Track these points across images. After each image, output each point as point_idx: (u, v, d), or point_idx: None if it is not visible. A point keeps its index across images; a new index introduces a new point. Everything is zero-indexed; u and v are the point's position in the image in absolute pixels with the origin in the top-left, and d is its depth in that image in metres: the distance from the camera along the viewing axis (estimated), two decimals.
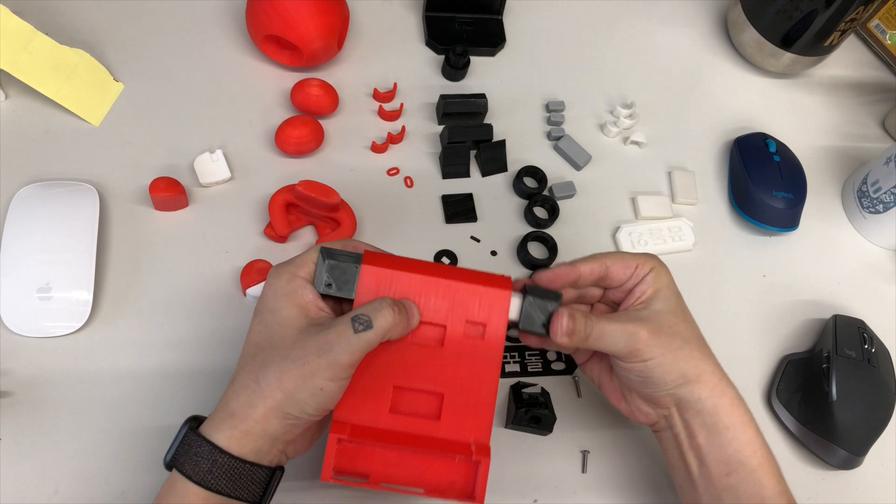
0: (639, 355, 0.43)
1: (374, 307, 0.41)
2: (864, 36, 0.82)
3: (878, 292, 0.67)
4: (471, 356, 0.44)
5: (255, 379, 0.40)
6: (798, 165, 0.68)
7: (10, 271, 0.52)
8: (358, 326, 0.39)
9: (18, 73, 0.56)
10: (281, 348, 0.40)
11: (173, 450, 0.40)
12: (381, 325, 0.40)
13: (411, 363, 0.43)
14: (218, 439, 0.39)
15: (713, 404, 0.44)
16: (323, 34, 0.61)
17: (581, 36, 0.74)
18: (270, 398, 0.39)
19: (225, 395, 0.41)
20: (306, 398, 0.39)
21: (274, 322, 0.41)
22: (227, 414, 0.40)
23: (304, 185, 0.55)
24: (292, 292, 0.42)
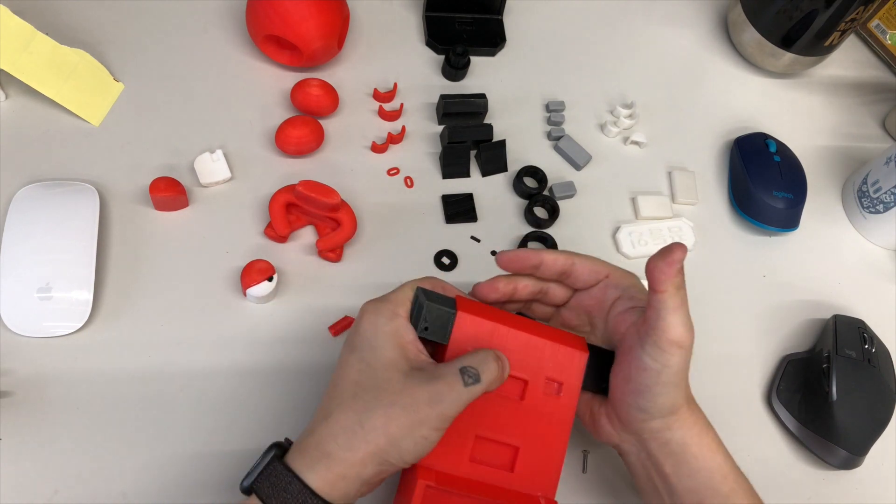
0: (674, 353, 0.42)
1: (480, 359, 0.40)
2: (865, 36, 0.82)
3: (878, 292, 0.67)
4: (548, 413, 0.44)
5: (359, 422, 0.38)
6: (798, 165, 0.68)
7: (10, 271, 0.52)
8: (468, 379, 0.39)
9: (18, 73, 0.56)
10: (387, 392, 0.39)
11: (255, 475, 0.39)
12: (487, 379, 0.40)
13: (493, 414, 0.43)
14: (311, 480, 0.38)
15: (682, 434, 0.43)
16: (323, 34, 0.61)
17: (581, 36, 0.74)
18: (373, 443, 0.38)
19: (317, 433, 0.39)
20: (409, 446, 0.38)
21: (376, 363, 0.40)
22: (322, 454, 0.38)
23: (305, 185, 0.55)
24: (394, 333, 0.41)
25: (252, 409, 0.51)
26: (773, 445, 0.58)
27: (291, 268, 0.57)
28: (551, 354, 0.44)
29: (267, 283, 0.54)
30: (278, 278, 0.55)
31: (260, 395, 0.52)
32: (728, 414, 0.58)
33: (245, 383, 0.52)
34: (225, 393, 0.52)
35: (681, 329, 0.42)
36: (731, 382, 0.60)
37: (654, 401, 0.43)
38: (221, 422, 0.51)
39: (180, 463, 0.49)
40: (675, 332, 0.41)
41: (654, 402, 0.43)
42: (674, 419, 0.43)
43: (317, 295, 0.56)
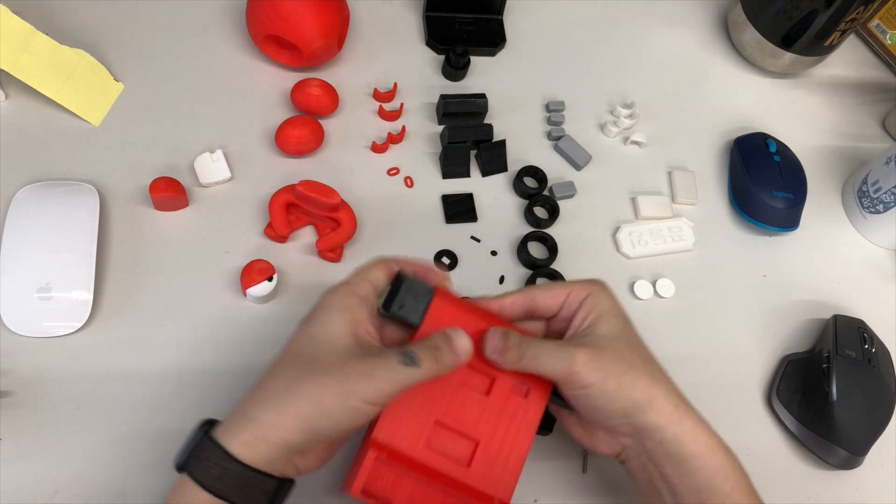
0: (577, 380, 0.42)
1: (424, 345, 0.41)
2: (865, 36, 0.82)
3: (878, 292, 0.67)
4: (512, 413, 0.44)
5: (286, 387, 0.39)
6: (798, 165, 0.68)
7: (11, 271, 0.52)
8: (406, 360, 0.39)
9: (19, 73, 0.56)
10: (323, 363, 0.39)
11: (185, 452, 0.40)
12: (427, 365, 0.40)
13: (456, 403, 0.43)
14: (231, 445, 0.38)
15: (673, 432, 0.43)
16: (323, 34, 0.61)
17: (581, 36, 0.74)
18: (301, 410, 0.38)
19: (246, 400, 0.40)
20: (341, 416, 0.38)
21: (320, 335, 0.41)
22: (247, 420, 0.39)
23: (305, 184, 0.55)
24: (346, 308, 0.41)
25: None
26: (773, 445, 0.58)
27: (291, 268, 0.57)
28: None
29: (267, 283, 0.54)
30: (278, 278, 0.55)
31: None
32: (728, 414, 0.58)
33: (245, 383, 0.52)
34: (225, 393, 0.52)
35: (554, 366, 0.42)
36: (731, 382, 0.60)
37: (611, 408, 0.42)
38: None
39: None
40: (555, 373, 0.42)
41: (611, 409, 0.42)
42: (655, 415, 0.43)
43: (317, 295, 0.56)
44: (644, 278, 0.62)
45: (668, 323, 0.61)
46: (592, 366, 0.42)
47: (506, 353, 0.43)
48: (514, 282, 0.60)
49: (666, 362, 0.59)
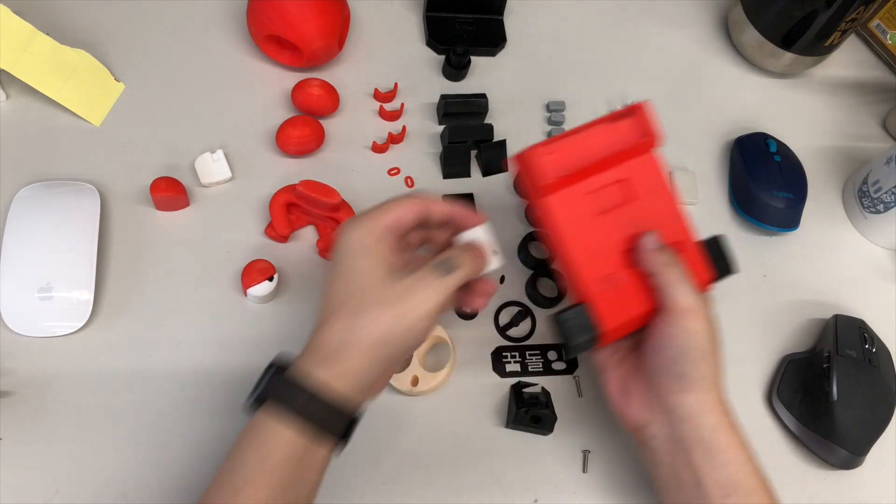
0: (692, 319, 0.44)
1: (456, 252, 0.43)
2: (865, 36, 0.82)
3: (878, 292, 0.67)
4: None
5: (346, 327, 0.40)
6: (799, 165, 0.68)
7: (11, 271, 0.52)
8: (442, 272, 0.42)
9: (19, 73, 0.56)
10: (370, 295, 0.41)
11: (263, 387, 0.40)
12: (466, 269, 0.43)
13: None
14: (319, 374, 0.39)
15: (716, 421, 0.44)
16: (324, 34, 0.61)
17: (581, 36, 0.74)
18: (364, 341, 0.40)
19: (313, 343, 0.41)
20: (398, 338, 0.40)
21: (357, 271, 0.42)
22: (320, 358, 0.40)
23: (305, 184, 0.55)
24: (368, 249, 0.42)
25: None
26: (773, 445, 0.58)
27: (292, 268, 0.57)
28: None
29: (267, 283, 0.54)
30: (279, 278, 0.55)
31: None
32: None
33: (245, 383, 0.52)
34: (225, 393, 0.52)
35: (684, 299, 0.44)
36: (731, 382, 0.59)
37: (691, 366, 0.44)
38: (222, 422, 0.51)
39: (180, 463, 0.49)
40: (683, 303, 0.44)
41: (690, 367, 0.44)
42: (707, 400, 0.44)
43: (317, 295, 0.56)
44: None
45: None
46: (707, 316, 0.44)
47: (657, 255, 0.45)
48: (514, 281, 0.60)
49: None
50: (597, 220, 0.46)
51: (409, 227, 0.45)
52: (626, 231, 0.47)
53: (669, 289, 0.44)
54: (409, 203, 0.44)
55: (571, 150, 0.46)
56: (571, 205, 0.46)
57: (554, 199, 0.45)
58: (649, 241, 0.46)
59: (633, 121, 0.48)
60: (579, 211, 0.46)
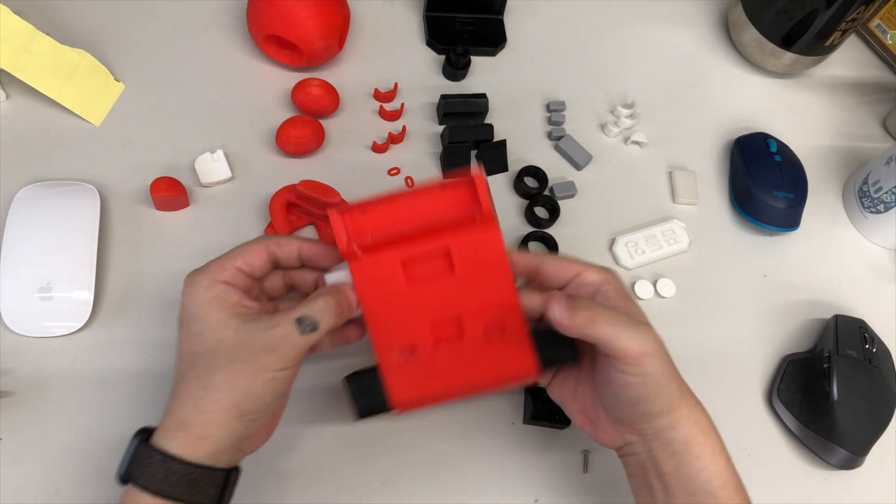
0: (645, 365, 0.41)
1: (318, 307, 0.41)
2: (865, 36, 0.82)
3: (879, 292, 0.67)
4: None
5: (203, 386, 0.39)
6: (799, 165, 0.68)
7: (11, 271, 0.52)
8: (305, 328, 0.40)
9: (19, 74, 0.56)
10: (224, 351, 0.40)
11: (126, 463, 0.40)
12: (326, 324, 0.41)
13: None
14: (171, 447, 0.39)
15: (686, 433, 0.42)
16: (324, 34, 0.61)
17: (582, 36, 0.74)
18: (223, 401, 0.39)
19: (171, 406, 0.40)
20: (261, 390, 0.39)
21: (205, 329, 0.41)
22: (178, 423, 0.39)
23: (305, 184, 0.55)
24: (215, 299, 0.41)
25: None
26: (773, 445, 0.58)
27: None
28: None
29: None
30: None
31: None
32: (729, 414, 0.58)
33: None
34: None
35: (631, 342, 0.40)
36: (731, 382, 0.60)
37: (652, 404, 0.42)
38: None
39: None
40: (630, 349, 0.40)
41: (651, 405, 0.42)
42: (676, 416, 0.43)
43: None
44: (645, 278, 0.62)
45: (669, 323, 0.60)
46: (661, 354, 0.41)
47: (575, 314, 0.41)
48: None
49: None
50: (409, 288, 0.44)
51: (261, 271, 0.44)
52: (443, 304, 0.44)
53: (608, 337, 0.41)
54: (256, 247, 0.43)
55: (388, 214, 0.43)
56: (380, 269, 0.43)
57: (358, 265, 0.43)
58: (556, 309, 0.42)
59: (465, 192, 0.44)
60: (389, 276, 0.43)
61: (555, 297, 0.42)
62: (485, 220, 0.43)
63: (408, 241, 0.43)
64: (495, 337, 0.44)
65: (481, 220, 0.44)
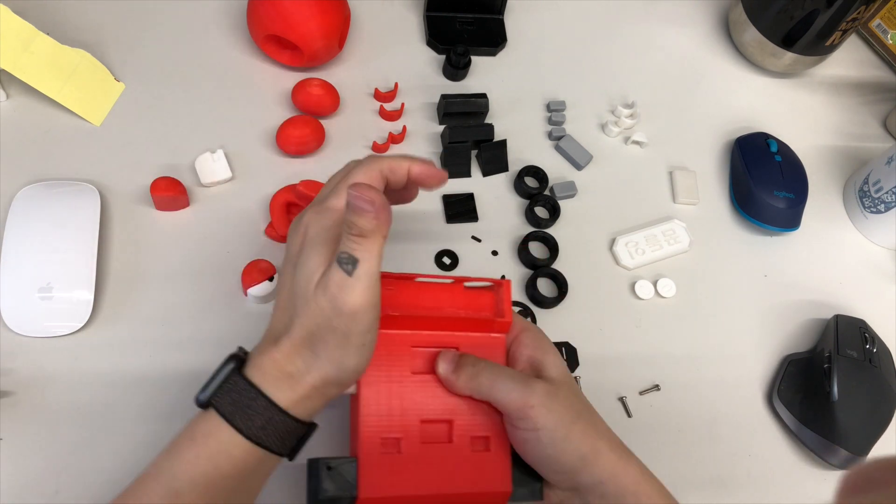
0: (532, 416, 0.40)
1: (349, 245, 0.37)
2: (866, 35, 0.82)
3: (879, 292, 0.67)
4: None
5: (312, 349, 0.38)
6: (799, 165, 0.68)
7: (11, 271, 0.52)
8: (346, 267, 0.36)
9: (19, 73, 0.56)
10: (322, 318, 0.37)
11: (213, 388, 0.38)
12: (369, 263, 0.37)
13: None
14: (278, 398, 0.38)
15: (616, 485, 0.41)
16: (324, 34, 0.61)
17: (582, 36, 0.74)
18: (322, 370, 0.38)
19: (276, 353, 0.38)
20: (351, 359, 0.38)
21: (303, 276, 0.38)
22: (285, 375, 0.38)
23: (306, 184, 0.55)
24: (323, 241, 0.39)
25: None
26: (774, 445, 0.58)
27: None
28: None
29: (268, 283, 0.54)
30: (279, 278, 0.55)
31: None
32: (729, 413, 0.58)
33: None
34: None
35: (510, 395, 0.40)
36: (732, 382, 0.60)
37: (558, 461, 0.41)
38: None
39: None
40: (511, 403, 0.40)
41: (558, 462, 0.41)
42: (600, 469, 0.41)
43: None
44: (645, 278, 0.62)
45: (670, 323, 0.61)
46: (549, 405, 0.40)
47: (459, 372, 0.41)
48: (515, 282, 0.60)
49: (667, 362, 0.59)
50: (409, 377, 0.43)
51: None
52: (439, 403, 0.43)
53: (490, 395, 0.40)
54: (370, 171, 0.41)
55: (411, 293, 0.43)
56: (390, 345, 0.42)
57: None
58: (442, 366, 0.42)
59: (492, 295, 0.44)
60: (396, 356, 0.42)
61: (442, 355, 0.42)
62: (501, 327, 0.44)
63: (423, 326, 0.43)
64: (479, 451, 0.43)
65: (498, 326, 0.43)
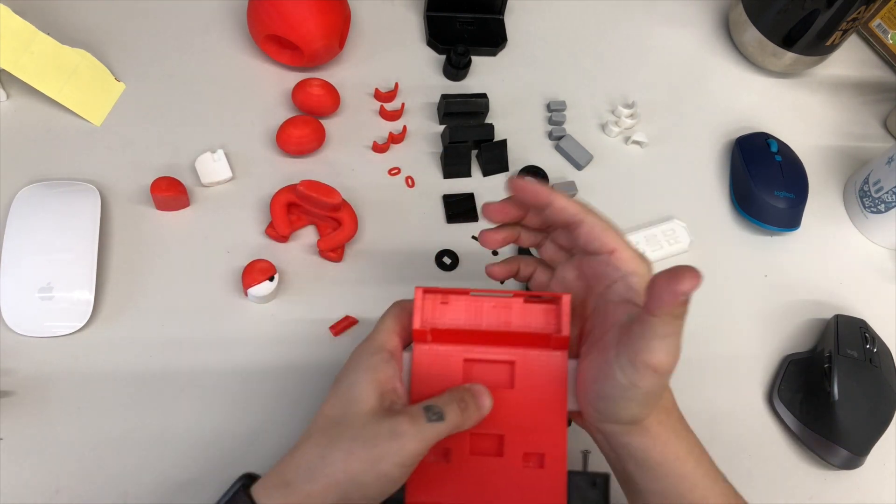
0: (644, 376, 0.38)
1: (445, 400, 0.40)
2: (866, 35, 0.82)
3: (879, 292, 0.67)
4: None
5: (321, 455, 0.38)
6: (800, 165, 0.68)
7: (12, 271, 0.52)
8: (431, 416, 0.38)
9: (20, 73, 0.56)
10: (353, 427, 0.38)
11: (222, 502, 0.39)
12: (452, 419, 0.39)
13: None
14: (271, 501, 0.38)
15: (642, 444, 0.41)
16: (324, 34, 0.61)
17: (582, 35, 0.74)
18: (332, 477, 0.37)
19: (283, 462, 0.39)
20: (370, 482, 0.37)
21: (350, 397, 0.40)
22: (282, 482, 0.38)
23: (306, 184, 0.55)
24: (371, 367, 0.40)
25: (253, 410, 0.51)
26: (774, 445, 0.58)
27: (292, 268, 0.57)
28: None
29: (268, 283, 0.54)
30: (279, 278, 0.55)
31: (261, 395, 0.52)
32: (729, 413, 0.58)
33: (246, 383, 0.52)
34: (226, 393, 0.52)
35: (663, 356, 0.37)
36: (732, 382, 0.60)
37: (614, 411, 0.40)
38: (222, 422, 0.51)
39: (181, 463, 0.49)
40: (656, 358, 0.37)
41: (613, 412, 0.40)
42: (635, 429, 0.41)
43: (318, 295, 0.56)
44: None
45: None
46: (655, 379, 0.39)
47: (676, 313, 0.37)
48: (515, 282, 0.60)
49: None
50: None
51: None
52: (491, 416, 0.41)
53: (651, 335, 0.37)
54: (400, 311, 0.43)
55: (468, 309, 0.42)
56: (442, 359, 0.42)
57: (423, 348, 0.42)
58: (685, 286, 0.39)
59: (551, 309, 0.42)
60: (448, 370, 0.42)
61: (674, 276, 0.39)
62: (560, 343, 0.42)
63: (478, 341, 0.42)
64: (532, 467, 0.42)
65: (556, 342, 0.42)
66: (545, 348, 0.43)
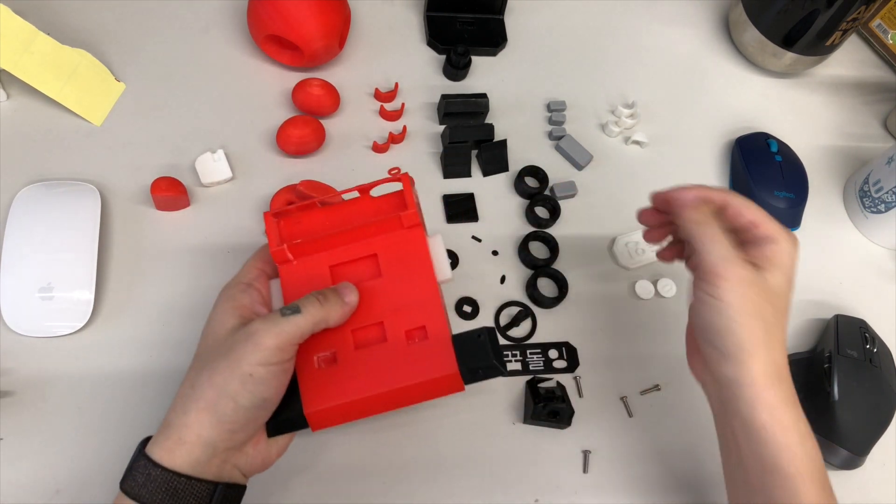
0: (716, 285, 0.41)
1: (303, 299, 0.41)
2: (866, 35, 0.82)
3: (879, 292, 0.67)
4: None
5: (191, 385, 0.39)
6: (799, 165, 0.68)
7: (12, 271, 0.52)
8: (286, 311, 0.39)
9: (20, 73, 0.56)
10: (215, 349, 0.40)
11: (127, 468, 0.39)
12: (312, 312, 0.40)
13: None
14: (154, 453, 0.38)
15: (752, 395, 0.41)
16: (324, 34, 0.61)
17: (582, 35, 0.74)
18: (202, 400, 0.38)
19: (168, 410, 0.40)
20: (237, 389, 0.38)
21: (210, 328, 0.41)
22: (164, 426, 0.39)
23: (306, 184, 0.55)
24: (231, 297, 0.42)
25: None
26: None
27: None
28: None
29: None
30: None
31: None
32: None
33: None
34: None
35: (715, 259, 0.41)
36: None
37: (723, 338, 0.42)
38: None
39: None
40: (711, 263, 0.41)
41: (721, 338, 0.42)
42: (746, 371, 0.41)
43: None
44: (645, 278, 0.62)
45: (670, 323, 0.61)
46: (738, 290, 0.41)
47: (697, 210, 0.44)
48: (515, 282, 0.60)
49: (667, 362, 0.59)
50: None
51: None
52: (368, 309, 0.43)
53: (700, 247, 0.42)
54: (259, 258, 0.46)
55: (323, 220, 0.44)
56: (308, 272, 0.44)
57: (287, 267, 0.44)
58: (688, 195, 0.45)
59: (396, 194, 0.45)
60: (316, 280, 0.44)
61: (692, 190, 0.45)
62: (411, 220, 0.44)
63: (338, 245, 0.44)
64: (417, 341, 0.43)
65: (408, 220, 0.44)
66: (399, 229, 0.44)
